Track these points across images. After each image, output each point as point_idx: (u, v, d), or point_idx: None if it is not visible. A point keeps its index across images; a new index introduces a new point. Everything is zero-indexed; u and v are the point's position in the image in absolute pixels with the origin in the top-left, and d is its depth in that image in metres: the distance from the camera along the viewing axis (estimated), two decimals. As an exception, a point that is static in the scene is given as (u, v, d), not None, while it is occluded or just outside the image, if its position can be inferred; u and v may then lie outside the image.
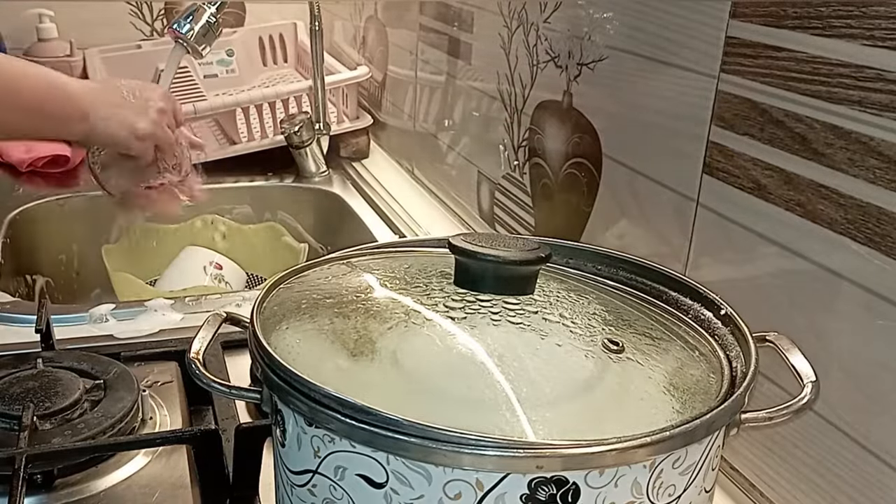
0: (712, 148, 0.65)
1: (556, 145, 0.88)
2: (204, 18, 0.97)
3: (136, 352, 0.77)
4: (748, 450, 0.64)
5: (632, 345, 0.47)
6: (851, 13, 0.51)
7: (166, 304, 0.89)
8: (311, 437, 0.42)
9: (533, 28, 0.91)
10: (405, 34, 1.33)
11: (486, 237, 0.50)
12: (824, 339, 0.55)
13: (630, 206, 0.76)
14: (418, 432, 0.37)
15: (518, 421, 0.41)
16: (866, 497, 0.54)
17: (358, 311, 0.49)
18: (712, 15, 0.63)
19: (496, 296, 0.48)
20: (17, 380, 0.67)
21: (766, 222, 0.60)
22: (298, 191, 1.36)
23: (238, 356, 0.78)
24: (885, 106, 0.50)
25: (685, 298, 0.53)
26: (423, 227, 1.17)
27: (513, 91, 0.97)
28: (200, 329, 0.49)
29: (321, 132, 1.37)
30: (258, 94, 1.35)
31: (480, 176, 1.09)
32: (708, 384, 0.45)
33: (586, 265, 0.58)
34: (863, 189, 0.52)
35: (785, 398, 0.44)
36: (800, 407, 0.44)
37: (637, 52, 0.73)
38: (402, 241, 0.61)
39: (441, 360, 0.46)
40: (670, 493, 0.41)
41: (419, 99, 1.30)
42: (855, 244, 0.53)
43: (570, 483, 0.38)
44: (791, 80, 0.56)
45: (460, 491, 0.38)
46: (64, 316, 0.85)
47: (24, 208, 1.20)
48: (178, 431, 0.66)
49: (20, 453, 0.57)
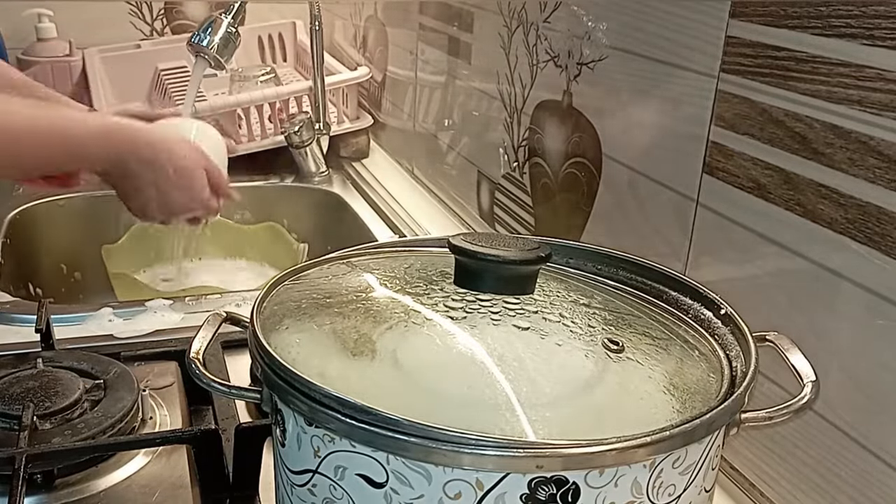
0: (712, 148, 0.65)
1: (556, 145, 0.88)
2: (223, 29, 0.96)
3: (136, 352, 0.77)
4: (748, 450, 0.64)
5: (632, 345, 0.47)
6: (851, 13, 0.51)
7: (166, 304, 0.89)
8: (311, 436, 0.42)
9: (533, 28, 0.91)
10: (405, 34, 1.33)
11: (486, 237, 0.50)
12: (824, 339, 0.55)
13: (630, 206, 0.76)
14: (418, 432, 0.37)
15: (518, 421, 0.41)
16: (866, 497, 0.54)
17: (358, 310, 0.49)
18: (712, 15, 0.63)
19: (496, 295, 0.48)
20: (17, 380, 0.67)
21: (766, 222, 0.60)
22: (298, 191, 1.36)
23: (238, 356, 0.78)
24: (885, 105, 0.50)
25: (685, 298, 0.53)
26: (423, 227, 1.17)
27: (513, 91, 0.97)
28: (200, 329, 0.49)
29: (321, 132, 1.37)
30: (258, 95, 1.35)
31: (480, 176, 1.09)
32: (708, 384, 0.45)
33: (586, 265, 0.58)
34: (863, 189, 0.52)
35: (785, 398, 0.44)
36: (800, 407, 0.44)
37: (637, 52, 0.73)
38: (402, 241, 0.61)
39: (441, 360, 0.46)
40: (670, 492, 0.41)
41: (419, 99, 1.30)
42: (855, 244, 0.53)
43: (570, 483, 0.38)
44: (791, 79, 0.56)
45: (460, 491, 0.38)
46: (64, 316, 0.85)
47: (24, 208, 1.20)
48: (178, 431, 0.66)
49: (20, 453, 0.57)
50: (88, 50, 1.57)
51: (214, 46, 0.96)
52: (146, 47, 1.62)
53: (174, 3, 1.73)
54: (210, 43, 0.96)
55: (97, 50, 1.57)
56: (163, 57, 1.54)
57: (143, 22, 1.73)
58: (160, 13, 1.73)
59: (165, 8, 1.73)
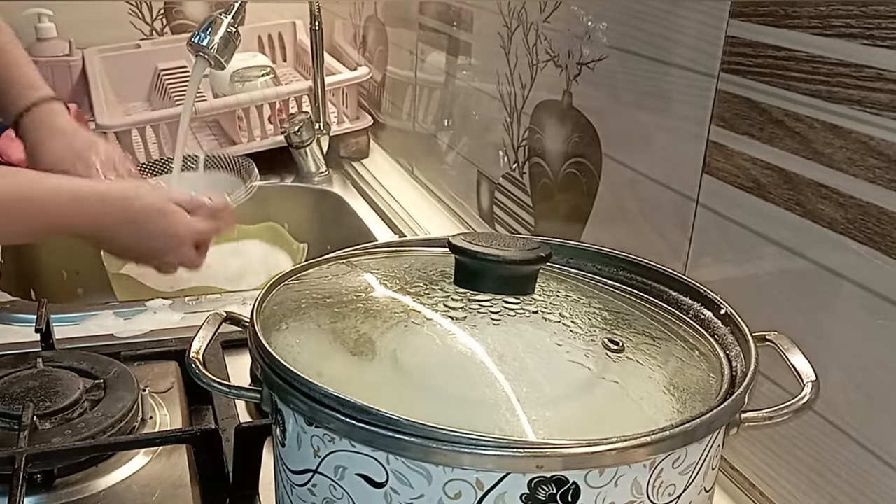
0: (712, 147, 0.65)
1: (555, 145, 0.88)
2: (223, 29, 0.96)
3: (136, 352, 0.77)
4: (748, 449, 0.64)
5: (632, 345, 0.47)
6: (851, 13, 0.51)
7: (166, 304, 0.89)
8: (311, 436, 0.42)
9: (533, 27, 0.91)
10: (405, 34, 1.33)
11: (486, 237, 0.50)
12: (824, 338, 0.55)
13: (630, 206, 0.76)
14: (418, 432, 0.37)
15: (518, 420, 0.41)
16: (866, 497, 0.54)
17: (358, 310, 0.49)
18: (712, 15, 0.63)
19: (496, 295, 0.48)
20: (17, 379, 0.67)
21: (765, 222, 0.60)
22: (298, 191, 1.36)
23: (238, 356, 0.78)
24: (885, 105, 0.50)
25: (685, 298, 0.53)
26: (423, 226, 1.17)
27: (512, 91, 0.97)
28: (200, 329, 0.49)
29: (321, 132, 1.37)
30: (258, 95, 1.35)
31: (480, 175, 1.09)
32: (708, 384, 0.45)
33: (586, 265, 0.58)
34: (863, 189, 0.52)
35: (785, 398, 0.44)
36: (800, 406, 0.44)
37: (637, 52, 0.73)
38: (402, 241, 0.61)
39: (441, 360, 0.46)
40: (670, 492, 0.41)
41: (419, 99, 1.30)
42: (855, 244, 0.53)
43: (570, 483, 0.38)
44: (791, 79, 0.56)
45: (460, 490, 0.38)
46: (64, 316, 0.85)
47: (24, 208, 1.19)
48: (178, 431, 0.66)
49: (20, 453, 0.57)
50: (88, 50, 1.57)
51: (214, 46, 0.95)
52: (146, 47, 1.62)
53: (174, 3, 1.73)
54: (210, 43, 0.95)
55: (97, 50, 1.58)
56: (163, 57, 1.54)
57: (143, 22, 1.73)
58: (160, 13, 1.73)
59: (165, 8, 1.73)
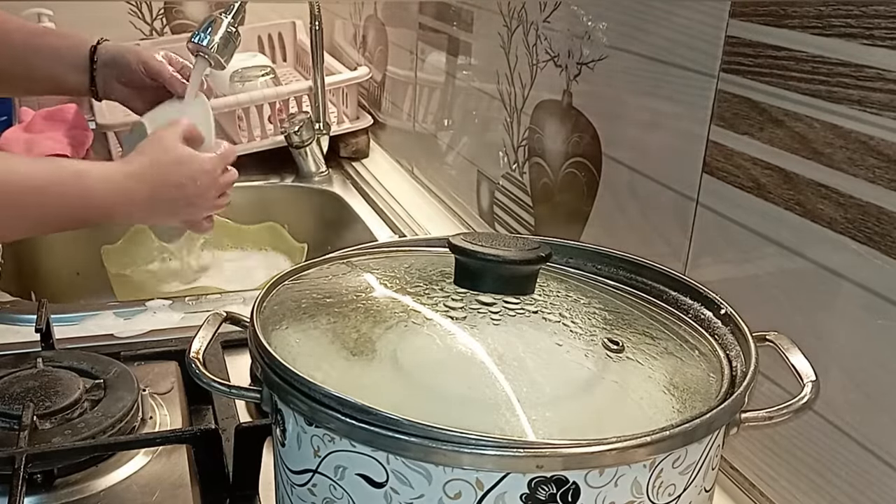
0: (712, 147, 0.65)
1: (555, 145, 0.88)
2: (223, 28, 0.96)
3: (136, 351, 0.77)
4: (748, 449, 0.64)
5: (632, 344, 0.47)
6: (851, 13, 0.51)
7: (166, 304, 0.89)
8: (311, 436, 0.42)
9: (533, 27, 0.91)
10: (405, 33, 1.33)
11: (486, 237, 0.50)
12: (824, 338, 0.55)
13: (630, 206, 0.76)
14: (418, 432, 0.37)
15: (518, 421, 0.41)
16: (866, 497, 0.54)
17: (358, 310, 0.49)
18: (712, 15, 0.63)
19: (496, 295, 0.48)
20: (17, 379, 0.67)
21: (765, 222, 0.60)
22: (298, 191, 1.36)
23: (238, 356, 0.78)
24: (885, 105, 0.50)
25: (685, 298, 0.53)
26: (423, 226, 1.17)
27: (512, 90, 0.97)
28: (200, 329, 0.49)
29: (321, 132, 1.37)
30: (258, 94, 1.35)
31: (480, 175, 1.09)
32: (708, 384, 0.45)
33: (586, 265, 0.58)
34: (863, 188, 0.52)
35: (785, 398, 0.44)
36: (800, 406, 0.44)
37: (637, 52, 0.73)
38: (402, 241, 0.61)
39: (441, 360, 0.46)
40: (670, 492, 0.41)
41: (419, 99, 1.30)
42: (855, 244, 0.53)
43: (570, 482, 0.38)
44: (791, 79, 0.56)
45: (460, 490, 0.38)
46: (64, 316, 0.85)
47: (24, 208, 1.19)
48: (178, 431, 0.66)
49: (20, 453, 0.57)
50: (88, 50, 1.57)
51: (214, 46, 0.95)
52: (146, 47, 1.62)
53: (174, 2, 1.74)
54: (210, 43, 0.95)
55: (97, 50, 1.57)
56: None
57: (143, 22, 1.73)
58: (160, 13, 1.73)
59: (165, 8, 1.73)
